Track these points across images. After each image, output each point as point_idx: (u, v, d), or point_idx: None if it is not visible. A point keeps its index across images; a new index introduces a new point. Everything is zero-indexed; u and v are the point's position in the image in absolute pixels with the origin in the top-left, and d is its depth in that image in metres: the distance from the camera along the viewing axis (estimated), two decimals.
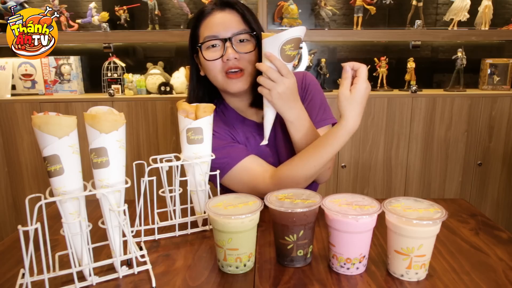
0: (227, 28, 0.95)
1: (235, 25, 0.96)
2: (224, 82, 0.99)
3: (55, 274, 0.65)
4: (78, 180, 0.63)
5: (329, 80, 2.35)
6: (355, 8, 2.20)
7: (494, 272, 0.69)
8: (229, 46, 0.95)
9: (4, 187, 2.17)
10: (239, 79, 0.97)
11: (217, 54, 0.96)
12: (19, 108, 2.07)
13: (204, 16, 0.98)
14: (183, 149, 0.86)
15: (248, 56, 0.97)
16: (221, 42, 0.96)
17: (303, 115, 0.96)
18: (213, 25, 0.96)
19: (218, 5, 0.98)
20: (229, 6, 0.98)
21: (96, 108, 0.67)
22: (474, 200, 2.22)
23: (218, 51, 0.97)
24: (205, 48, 0.98)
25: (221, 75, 0.98)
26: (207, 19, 0.98)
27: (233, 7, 0.98)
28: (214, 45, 0.97)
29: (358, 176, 2.18)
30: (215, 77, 0.99)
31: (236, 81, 0.98)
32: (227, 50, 0.95)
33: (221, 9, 0.97)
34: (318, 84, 1.12)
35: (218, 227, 0.67)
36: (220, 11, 0.97)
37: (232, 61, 0.96)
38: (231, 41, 0.95)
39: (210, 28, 0.96)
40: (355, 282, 0.66)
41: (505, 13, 2.37)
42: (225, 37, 0.95)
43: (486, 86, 2.26)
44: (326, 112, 1.09)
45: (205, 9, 0.99)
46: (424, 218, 0.63)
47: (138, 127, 2.11)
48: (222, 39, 0.95)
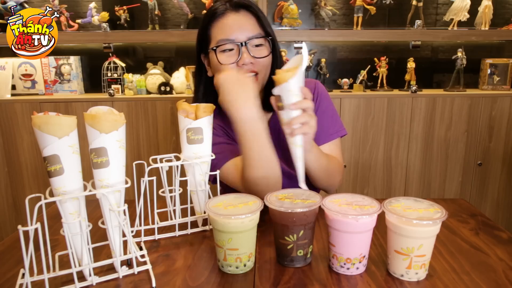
0: (242, 31, 0.93)
1: (250, 28, 0.94)
2: None
3: (55, 274, 0.65)
4: (78, 180, 0.63)
5: (329, 80, 2.35)
6: (355, 8, 2.20)
7: (494, 272, 0.69)
8: (245, 51, 0.93)
9: (4, 187, 2.17)
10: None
11: (232, 58, 0.94)
12: (19, 108, 2.07)
13: (216, 17, 0.95)
14: (183, 149, 0.86)
15: (263, 61, 0.95)
16: (236, 46, 0.93)
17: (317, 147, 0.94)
18: (227, 27, 0.93)
19: (231, 6, 0.94)
20: (244, 7, 0.94)
21: (96, 108, 0.67)
22: (474, 200, 2.22)
23: (233, 55, 0.94)
24: (219, 52, 0.94)
25: None
26: (220, 21, 0.94)
27: (248, 9, 0.95)
28: (229, 49, 0.94)
29: (358, 176, 2.18)
30: None
31: None
32: (243, 55, 0.92)
33: (235, 11, 0.94)
34: (328, 94, 1.11)
35: (218, 227, 0.67)
36: (234, 12, 0.94)
37: (247, 65, 0.94)
38: (247, 46, 0.93)
39: (224, 30, 0.93)
40: (355, 282, 0.66)
41: (505, 13, 2.37)
42: (240, 41, 0.92)
43: (486, 86, 2.26)
44: (337, 123, 1.08)
45: (217, 9, 0.95)
46: (424, 218, 0.63)
47: (138, 127, 2.11)
48: (237, 43, 0.93)
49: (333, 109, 1.10)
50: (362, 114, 2.09)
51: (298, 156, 0.84)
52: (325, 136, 1.04)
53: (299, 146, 0.84)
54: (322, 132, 1.03)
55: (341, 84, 2.27)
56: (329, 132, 1.05)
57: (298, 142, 0.83)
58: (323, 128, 1.03)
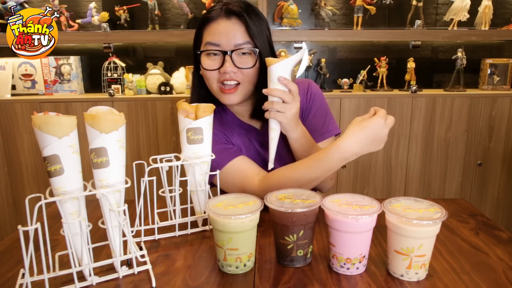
0: (230, 39, 0.93)
1: (239, 36, 0.94)
2: (218, 93, 0.98)
3: (55, 274, 0.65)
4: (78, 180, 0.63)
5: (329, 80, 2.35)
6: (355, 8, 2.20)
7: (494, 272, 0.69)
8: (228, 59, 0.93)
9: (4, 187, 2.17)
10: (233, 94, 0.96)
11: (215, 64, 0.95)
12: (19, 108, 2.07)
13: (209, 21, 0.96)
14: (183, 149, 0.86)
15: (246, 71, 0.95)
16: (221, 53, 0.94)
17: (306, 131, 0.96)
18: (215, 32, 0.94)
19: (224, 12, 0.95)
20: (235, 15, 0.94)
21: (96, 108, 0.67)
22: (474, 200, 2.22)
23: (217, 60, 0.95)
24: (205, 55, 0.96)
25: (216, 85, 0.97)
26: (211, 25, 0.95)
27: (239, 17, 0.94)
28: (214, 53, 0.95)
29: (358, 176, 2.18)
30: (210, 85, 0.98)
31: (230, 96, 0.96)
32: (225, 63, 0.93)
33: (227, 18, 0.94)
34: (322, 93, 1.12)
35: (218, 227, 0.67)
36: (225, 19, 0.94)
37: (229, 74, 0.94)
38: (231, 55, 0.93)
39: (213, 35, 0.94)
40: (355, 282, 0.66)
41: (505, 13, 2.37)
42: (225, 49, 0.93)
43: (486, 86, 2.26)
44: (331, 123, 1.08)
45: (211, 14, 0.96)
46: (424, 218, 0.63)
47: (138, 127, 2.11)
48: (222, 51, 0.94)
49: (326, 109, 1.10)
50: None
51: (271, 138, 0.94)
52: (317, 135, 1.04)
53: (273, 130, 0.92)
54: (315, 131, 1.04)
55: (341, 84, 2.27)
56: (322, 131, 1.06)
57: (273, 126, 0.92)
58: (315, 127, 1.04)
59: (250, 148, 1.07)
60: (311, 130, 1.01)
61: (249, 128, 1.07)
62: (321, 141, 1.05)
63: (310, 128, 1.01)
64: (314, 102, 1.08)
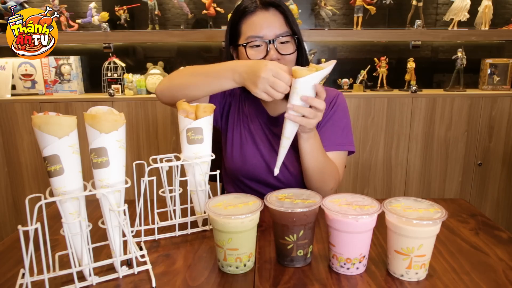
0: (271, 29, 0.99)
1: (278, 26, 1.00)
2: None
3: (55, 274, 0.65)
4: (78, 180, 0.63)
5: (329, 80, 2.35)
6: (355, 8, 2.20)
7: (494, 272, 0.69)
8: (272, 48, 0.99)
9: (4, 187, 2.17)
10: None
11: (260, 54, 1.00)
12: (19, 108, 2.07)
13: (247, 14, 1.01)
14: (183, 149, 0.86)
15: (288, 57, 1.01)
16: (264, 43, 0.99)
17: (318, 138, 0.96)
18: (256, 25, 0.99)
19: (261, 4, 1.00)
20: (273, 6, 1.00)
21: (96, 108, 0.67)
22: (474, 200, 2.22)
23: (261, 51, 1.00)
24: (249, 47, 1.01)
25: None
26: (250, 18, 1.00)
27: (277, 8, 1.00)
28: (257, 45, 1.00)
29: (358, 176, 2.18)
30: None
31: None
32: (270, 51, 0.99)
33: (265, 9, 1.00)
34: (347, 108, 1.12)
35: (218, 227, 0.67)
36: (263, 10, 1.00)
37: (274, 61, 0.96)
38: (274, 43, 0.99)
39: (254, 28, 0.99)
40: (355, 282, 0.66)
41: (505, 13, 2.37)
42: (268, 38, 0.99)
43: (486, 86, 2.26)
44: (347, 137, 1.08)
45: (248, 7, 1.01)
46: (424, 218, 0.63)
47: (138, 127, 2.11)
48: (266, 41, 0.99)
49: (346, 123, 1.10)
50: (362, 114, 2.09)
51: (282, 145, 0.89)
52: (330, 145, 1.04)
53: (286, 138, 0.88)
54: (328, 140, 1.03)
55: (341, 84, 2.27)
56: (336, 142, 1.06)
57: (286, 134, 0.87)
58: (329, 137, 1.04)
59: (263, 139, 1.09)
60: (325, 137, 1.02)
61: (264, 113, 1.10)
62: (332, 150, 1.04)
63: (324, 136, 1.01)
64: (336, 113, 1.09)
